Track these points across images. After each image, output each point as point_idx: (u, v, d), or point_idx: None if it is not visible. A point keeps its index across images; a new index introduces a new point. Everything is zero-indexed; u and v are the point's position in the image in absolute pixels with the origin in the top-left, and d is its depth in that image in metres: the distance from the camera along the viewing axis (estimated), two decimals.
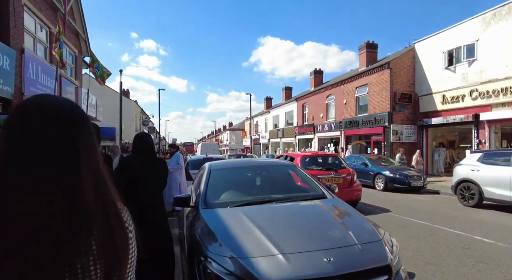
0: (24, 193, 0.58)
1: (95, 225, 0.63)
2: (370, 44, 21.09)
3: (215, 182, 3.58)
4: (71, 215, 0.61)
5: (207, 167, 3.88)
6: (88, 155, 0.67)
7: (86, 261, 0.61)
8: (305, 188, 3.71)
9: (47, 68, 9.35)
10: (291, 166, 4.09)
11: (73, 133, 0.65)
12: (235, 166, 4.09)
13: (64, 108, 0.67)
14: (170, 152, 7.66)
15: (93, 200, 0.64)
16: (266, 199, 3.18)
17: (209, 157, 10.00)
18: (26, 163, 0.60)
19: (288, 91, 35.30)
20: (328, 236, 2.32)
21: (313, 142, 24.86)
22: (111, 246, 0.65)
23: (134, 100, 33.35)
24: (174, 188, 7.21)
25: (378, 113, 17.32)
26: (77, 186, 0.63)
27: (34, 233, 0.57)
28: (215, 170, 3.78)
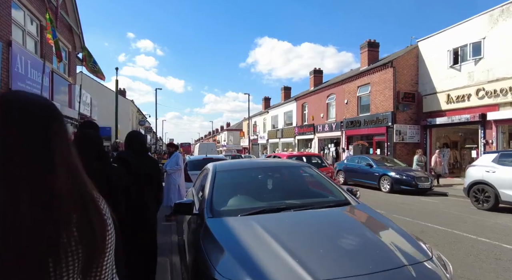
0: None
1: (75, 213, 0.68)
2: (371, 42, 20.73)
3: (221, 185, 3.11)
4: (51, 204, 0.64)
5: (211, 168, 3.42)
6: (61, 148, 0.70)
7: (69, 247, 0.65)
8: (324, 193, 3.25)
9: (37, 63, 8.82)
10: (305, 166, 3.63)
11: (43, 127, 0.67)
12: (243, 167, 3.61)
13: (33, 102, 0.69)
14: (169, 152, 7.18)
15: (70, 190, 0.69)
16: (282, 206, 2.72)
17: (209, 157, 9.52)
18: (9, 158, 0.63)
19: (287, 91, 34.89)
20: (369, 256, 1.87)
21: (313, 142, 24.45)
22: (91, 232, 0.69)
23: (130, 100, 32.73)
24: (173, 191, 6.74)
25: (381, 112, 16.94)
26: (51, 177, 0.66)
27: (10, 224, 0.60)
28: (220, 172, 3.31)
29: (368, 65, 20.08)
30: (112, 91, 23.51)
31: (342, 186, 3.32)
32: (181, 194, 6.77)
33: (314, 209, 2.72)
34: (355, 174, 13.12)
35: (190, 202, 2.85)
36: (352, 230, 2.28)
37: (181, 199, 6.79)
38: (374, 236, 2.14)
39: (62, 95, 10.89)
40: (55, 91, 10.13)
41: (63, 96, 11.00)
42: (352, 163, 13.75)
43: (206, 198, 2.85)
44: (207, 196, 2.87)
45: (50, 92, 9.74)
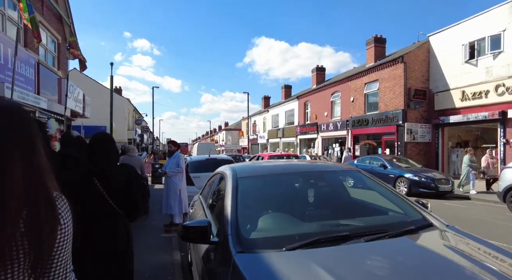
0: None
1: (25, 209, 0.73)
2: (378, 38, 19.92)
3: (247, 198, 2.23)
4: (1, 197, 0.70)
5: (229, 173, 2.52)
6: (19, 148, 0.75)
7: (14, 240, 0.70)
8: (386, 207, 2.37)
9: (21, 53, 7.86)
10: (354, 172, 2.74)
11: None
12: (272, 172, 2.70)
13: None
14: (169, 151, 6.24)
15: (22, 187, 0.73)
16: (344, 233, 1.83)
17: (212, 157, 8.61)
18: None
19: (287, 90, 34.04)
20: None
21: (317, 142, 23.61)
22: (37, 228, 0.74)
23: (126, 98, 31.69)
24: (173, 197, 5.82)
25: (391, 110, 16.12)
26: (2, 174, 0.71)
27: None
28: (243, 179, 2.42)
29: (374, 61, 19.27)
30: (108, 89, 22.50)
31: (404, 196, 2.43)
32: (182, 200, 5.86)
33: (392, 236, 1.83)
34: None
35: (206, 224, 1.95)
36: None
37: (182, 206, 5.88)
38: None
39: (50, 90, 9.92)
40: (41, 85, 9.16)
41: (52, 91, 10.02)
42: (363, 163, 12.89)
43: (229, 218, 1.96)
44: (229, 215, 1.98)
45: (36, 86, 8.78)
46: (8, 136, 0.74)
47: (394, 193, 2.43)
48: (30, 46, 8.77)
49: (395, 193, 2.43)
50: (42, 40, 10.06)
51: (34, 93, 8.54)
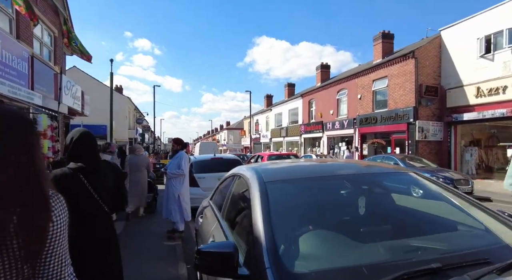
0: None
1: (18, 203, 0.78)
2: (385, 34, 19.29)
3: (283, 211, 1.66)
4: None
5: (252, 176, 1.95)
6: (13, 150, 0.80)
7: (7, 231, 0.76)
8: (463, 222, 1.80)
9: (12, 45, 7.32)
10: (407, 174, 2.16)
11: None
12: (307, 174, 2.09)
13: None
14: (173, 150, 5.64)
15: (15, 185, 0.78)
16: (434, 265, 1.26)
17: (218, 157, 8.07)
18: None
19: (291, 88, 33.48)
20: None
21: (322, 141, 23.01)
22: (30, 222, 0.79)
23: (127, 97, 31.16)
24: (171, 201, 5.23)
25: (401, 108, 15.52)
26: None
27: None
28: (273, 184, 1.85)
29: (382, 57, 18.66)
30: (108, 88, 21.97)
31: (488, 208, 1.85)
32: (182, 206, 5.23)
33: (503, 270, 1.25)
34: None
35: (231, 249, 1.38)
36: None
37: (183, 212, 5.27)
38: None
39: (46, 86, 9.37)
40: (36, 80, 8.61)
41: (47, 87, 9.47)
42: None
43: (263, 241, 1.39)
44: (263, 237, 1.41)
45: (30, 81, 8.23)
46: (5, 138, 0.81)
47: (472, 200, 1.86)
48: (23, 38, 8.22)
49: (475, 201, 1.86)
50: (37, 33, 9.52)
51: (28, 88, 8.00)
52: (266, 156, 10.34)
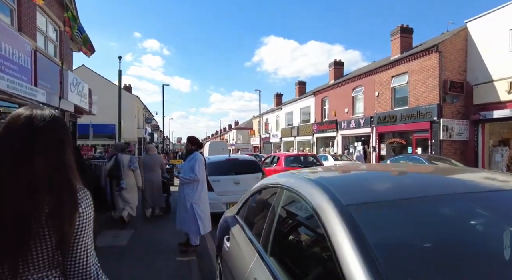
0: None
1: (49, 195, 0.90)
2: (404, 28, 18.36)
3: (390, 257, 0.97)
4: (30, 191, 0.88)
5: (319, 196, 1.27)
6: (48, 148, 0.94)
7: (40, 220, 0.87)
8: None
9: (13, 37, 6.80)
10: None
11: (33, 139, 0.93)
12: (408, 193, 1.35)
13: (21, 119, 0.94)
14: (187, 150, 4.92)
15: (47, 178, 0.91)
16: None
17: (233, 158, 7.40)
18: (10, 154, 0.90)
19: (301, 86, 32.70)
20: None
21: (336, 140, 22.16)
22: (59, 211, 0.90)
23: (136, 95, 30.83)
24: (183, 210, 4.54)
25: (423, 105, 14.60)
26: (31, 167, 0.89)
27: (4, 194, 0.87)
28: (359, 208, 1.16)
29: (400, 53, 17.74)
30: (116, 85, 21.57)
31: None
32: (198, 216, 4.47)
33: None
34: None
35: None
36: None
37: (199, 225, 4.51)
38: None
39: (50, 82, 8.87)
40: (39, 75, 8.09)
41: (52, 83, 8.97)
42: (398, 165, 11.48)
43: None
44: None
45: (33, 76, 7.71)
46: (42, 138, 0.94)
47: None
48: (26, 30, 7.71)
49: None
50: (42, 27, 9.03)
51: (31, 84, 7.48)
52: (283, 157, 9.62)
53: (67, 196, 0.93)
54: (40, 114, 0.96)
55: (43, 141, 0.93)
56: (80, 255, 0.95)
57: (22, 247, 0.85)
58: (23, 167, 0.89)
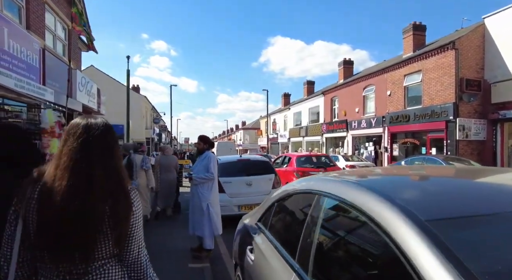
0: (68, 175, 1.03)
1: (109, 197, 1.05)
2: (417, 25, 17.85)
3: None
4: (91, 192, 1.02)
5: (382, 208, 1.02)
6: (101, 157, 1.07)
7: (101, 219, 1.02)
8: None
9: (21, 35, 6.68)
10: None
11: (91, 145, 1.07)
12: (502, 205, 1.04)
13: (79, 128, 1.09)
14: (198, 150, 4.68)
15: (105, 180, 1.05)
16: None
17: (245, 158, 7.15)
18: (72, 159, 1.04)
19: (310, 86, 32.26)
20: None
21: (346, 140, 21.75)
22: (117, 210, 1.05)
23: (144, 96, 30.87)
24: (199, 212, 4.30)
25: (438, 104, 14.14)
26: (91, 171, 1.04)
27: (70, 194, 1.02)
28: (447, 225, 0.89)
29: (413, 51, 17.25)
30: (124, 85, 21.54)
31: None
32: (212, 218, 4.31)
33: None
34: None
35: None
36: None
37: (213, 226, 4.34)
38: None
39: (59, 81, 8.76)
40: (48, 74, 7.99)
41: (61, 83, 8.86)
42: (413, 166, 11.09)
43: None
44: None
45: (41, 75, 7.60)
46: (95, 148, 1.07)
47: None
48: (34, 28, 7.59)
49: None
50: (50, 25, 8.92)
51: (39, 83, 7.36)
52: (295, 157, 9.33)
53: (122, 196, 1.07)
54: (95, 123, 1.10)
55: (99, 146, 1.07)
56: (133, 247, 1.10)
57: (89, 240, 1.00)
58: (84, 168, 1.02)
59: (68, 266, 1.01)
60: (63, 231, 0.98)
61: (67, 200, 0.99)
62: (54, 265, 1.01)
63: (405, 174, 1.70)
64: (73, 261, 1.01)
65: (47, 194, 1.00)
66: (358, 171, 2.27)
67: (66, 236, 0.98)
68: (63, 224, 0.98)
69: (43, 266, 1.03)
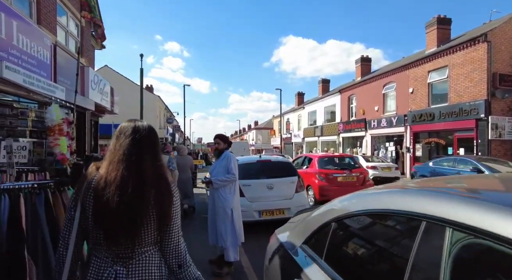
0: (121, 168, 1.22)
1: (153, 188, 1.22)
2: (441, 19, 16.89)
3: None
4: (140, 182, 1.20)
5: None
6: (148, 153, 1.27)
7: (148, 209, 1.19)
8: None
9: (31, 30, 6.39)
10: None
11: (139, 142, 1.27)
12: None
13: (129, 129, 1.30)
14: (217, 149, 4.17)
15: (152, 176, 1.24)
16: None
17: (265, 159, 6.61)
18: (125, 154, 1.23)
19: (325, 84, 31.43)
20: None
21: (365, 140, 20.91)
22: (161, 202, 1.22)
23: (157, 95, 30.81)
24: (222, 219, 3.82)
25: (467, 102, 13.22)
26: (141, 166, 1.23)
27: (124, 186, 1.18)
28: None
29: (437, 46, 16.32)
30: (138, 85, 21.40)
31: None
32: (235, 225, 3.84)
33: None
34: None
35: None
36: None
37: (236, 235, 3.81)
38: None
39: (71, 79, 8.48)
40: (59, 71, 7.71)
41: (72, 80, 8.58)
42: (443, 167, 10.31)
43: None
44: None
45: (52, 72, 7.32)
46: (143, 146, 1.27)
47: None
48: (45, 23, 7.31)
49: None
50: (62, 21, 8.66)
51: (50, 80, 7.08)
52: (316, 158, 8.73)
53: (165, 187, 1.26)
54: (141, 125, 1.32)
55: (146, 143, 1.28)
56: (174, 235, 1.27)
57: (138, 226, 1.18)
58: (134, 162, 1.22)
59: (116, 250, 1.18)
60: (115, 215, 1.13)
61: (120, 188, 1.15)
62: (106, 247, 1.18)
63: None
64: (123, 244, 1.17)
65: (102, 183, 1.17)
66: (455, 179, 1.70)
67: (117, 220, 1.14)
68: (116, 209, 1.13)
69: (96, 247, 1.21)
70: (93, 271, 1.18)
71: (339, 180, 8.00)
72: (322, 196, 7.88)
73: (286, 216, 5.68)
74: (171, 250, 1.24)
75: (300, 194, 5.91)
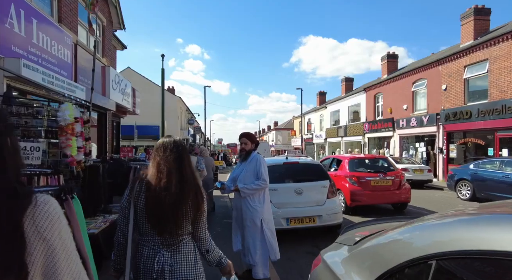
0: (165, 175, 1.60)
1: (192, 192, 1.62)
2: (479, 9, 15.62)
3: None
4: (182, 186, 1.59)
5: None
6: (184, 163, 1.64)
7: (187, 206, 1.59)
8: None
9: (52, 28, 6.25)
10: None
11: (179, 156, 1.65)
12: None
13: (171, 145, 1.68)
14: (243, 150, 3.68)
15: (191, 179, 1.64)
16: None
17: (292, 161, 6.09)
18: (171, 165, 1.62)
19: (348, 83, 30.36)
20: None
21: (392, 140, 19.83)
22: (196, 203, 1.63)
23: (178, 96, 31.00)
24: (251, 231, 3.34)
25: (510, 98, 12.05)
26: (183, 172, 1.61)
27: (168, 190, 1.58)
28: None
29: (474, 38, 15.10)
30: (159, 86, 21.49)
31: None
32: (267, 239, 3.36)
33: None
34: (497, 187, 8.73)
35: None
36: None
37: (267, 250, 3.34)
38: None
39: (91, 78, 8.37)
40: (79, 71, 7.59)
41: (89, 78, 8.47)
42: (486, 170, 9.35)
43: None
44: None
45: (73, 71, 7.19)
46: (184, 158, 1.65)
47: None
48: (66, 22, 7.20)
49: None
50: (83, 20, 8.57)
51: (71, 80, 6.94)
52: (347, 160, 8.09)
53: (199, 190, 1.64)
54: (179, 140, 1.71)
55: (185, 155, 1.65)
56: (203, 226, 1.70)
57: (178, 221, 1.56)
58: (178, 172, 1.59)
59: (161, 239, 1.57)
60: (162, 213, 1.53)
61: (166, 192, 1.54)
62: (157, 235, 1.56)
63: None
64: (167, 234, 1.56)
65: (152, 188, 1.56)
66: None
67: (164, 217, 1.53)
68: (163, 209, 1.53)
69: (145, 238, 1.59)
70: (144, 256, 1.56)
71: (372, 184, 7.35)
72: (354, 201, 7.27)
73: (317, 225, 5.16)
74: (200, 238, 1.69)
75: (332, 200, 5.36)
